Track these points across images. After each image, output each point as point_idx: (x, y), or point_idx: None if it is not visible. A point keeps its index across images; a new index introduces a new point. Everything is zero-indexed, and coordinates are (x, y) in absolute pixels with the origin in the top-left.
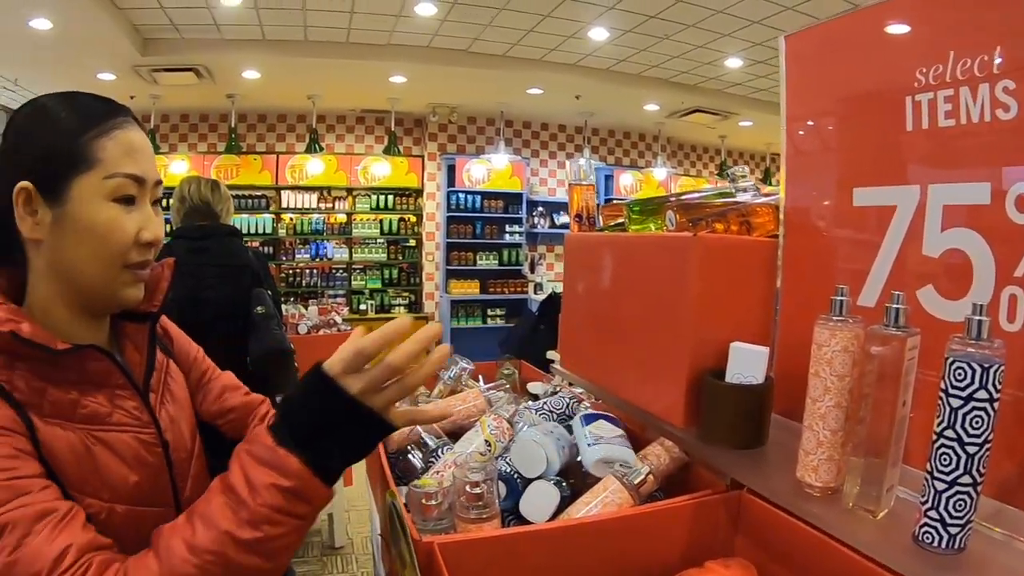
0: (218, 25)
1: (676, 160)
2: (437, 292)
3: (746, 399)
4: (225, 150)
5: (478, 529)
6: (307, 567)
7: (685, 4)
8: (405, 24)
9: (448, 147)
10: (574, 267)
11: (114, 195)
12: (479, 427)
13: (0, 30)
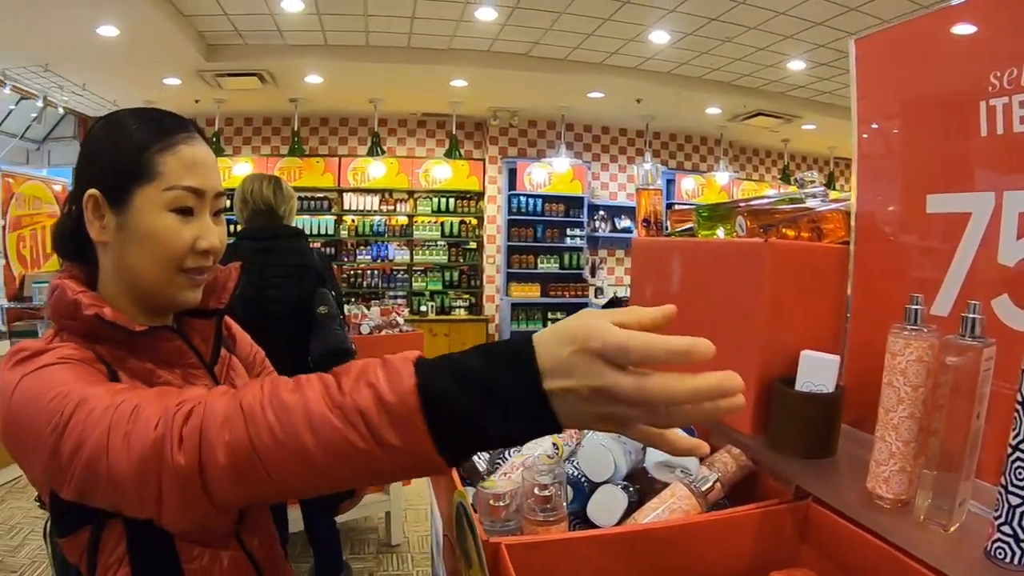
0: (281, 31)
1: (738, 164)
2: (497, 295)
3: (817, 408)
4: (288, 153)
5: (545, 531)
6: (363, 563)
7: (747, 6)
8: (466, 29)
9: (509, 150)
10: (642, 272)
11: (172, 206)
12: None
13: (69, 37)
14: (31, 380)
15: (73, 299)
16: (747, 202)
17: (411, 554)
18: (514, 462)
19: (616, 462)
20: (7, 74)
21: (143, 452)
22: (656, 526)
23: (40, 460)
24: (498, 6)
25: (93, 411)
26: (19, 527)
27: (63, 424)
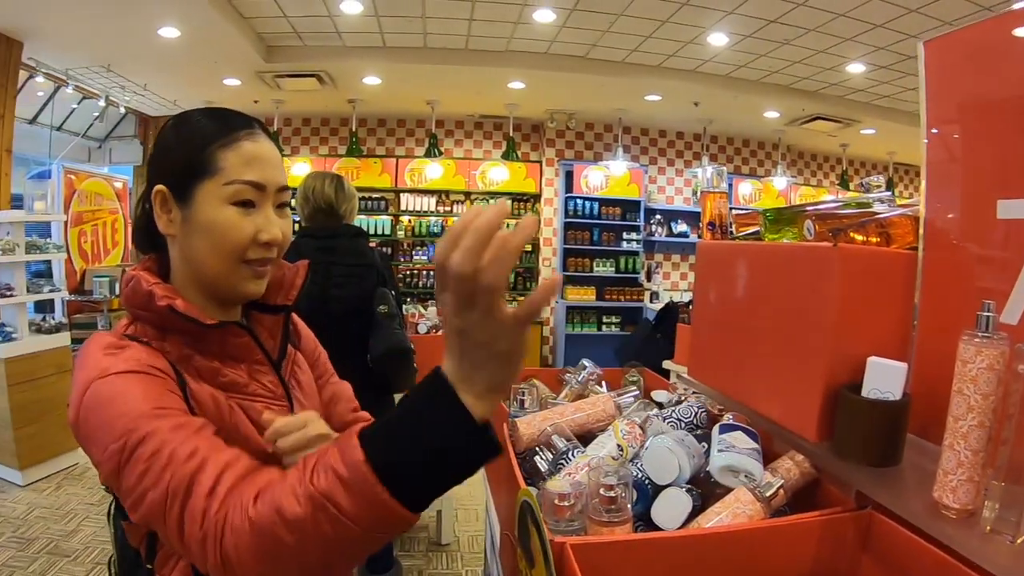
0: (340, 33)
1: (796, 169)
2: (553, 298)
3: (884, 415)
4: (346, 153)
5: (610, 532)
6: (412, 561)
7: (806, 8)
8: (523, 31)
9: (566, 153)
10: (706, 276)
11: (232, 199)
12: (611, 431)
13: (131, 38)
14: (103, 387)
15: (147, 290)
16: (814, 206)
17: (461, 554)
18: (578, 463)
19: (680, 465)
20: (70, 74)
21: (190, 538)
22: (720, 530)
23: (102, 470)
24: (556, 8)
25: (156, 458)
26: (74, 513)
27: (127, 455)
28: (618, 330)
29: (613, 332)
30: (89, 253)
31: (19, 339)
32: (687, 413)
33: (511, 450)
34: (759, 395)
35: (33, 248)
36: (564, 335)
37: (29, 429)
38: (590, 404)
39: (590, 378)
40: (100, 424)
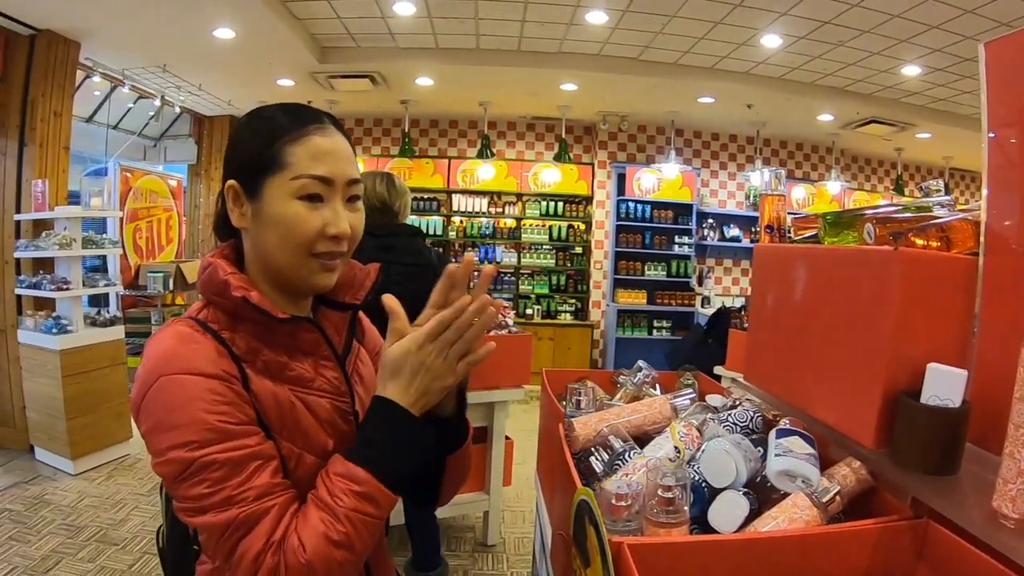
0: (393, 34)
1: (850, 173)
2: (604, 300)
3: (943, 422)
4: (399, 153)
5: (667, 533)
6: (458, 561)
7: (861, 9)
8: (576, 32)
9: (618, 155)
10: (764, 279)
11: (300, 194)
12: (669, 433)
13: (186, 39)
14: (172, 385)
15: (224, 279)
16: (874, 209)
17: (507, 555)
18: (635, 463)
19: (738, 468)
20: (127, 74)
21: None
22: (777, 535)
23: (159, 465)
24: (609, 9)
25: (222, 486)
26: (124, 502)
27: (194, 470)
28: (669, 334)
29: (664, 337)
30: (144, 249)
31: (74, 331)
32: (743, 417)
33: (567, 450)
34: (815, 400)
35: (89, 243)
36: (615, 339)
37: (82, 419)
38: (646, 406)
39: (645, 380)
40: (165, 423)
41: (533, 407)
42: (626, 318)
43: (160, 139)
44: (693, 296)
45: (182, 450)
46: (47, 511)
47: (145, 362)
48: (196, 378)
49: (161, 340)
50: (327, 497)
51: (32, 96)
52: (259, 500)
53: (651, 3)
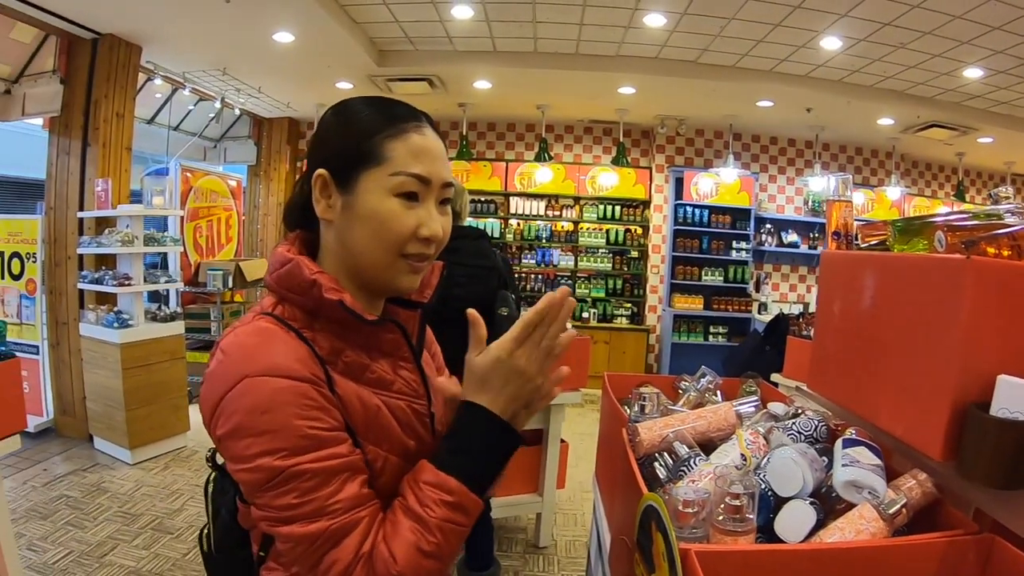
0: (451, 37)
1: (910, 179)
2: (660, 305)
3: (1013, 435)
4: (456, 156)
5: (733, 541)
6: (509, 562)
7: (921, 10)
8: (634, 35)
9: (676, 159)
10: (831, 286)
11: (397, 191)
12: (735, 440)
13: (247, 43)
14: (260, 388)
15: (311, 279)
16: (945, 217)
17: (558, 557)
18: (701, 470)
19: (805, 478)
20: (187, 77)
21: None
22: (843, 546)
23: (242, 475)
24: (667, 12)
25: (313, 497)
26: (179, 492)
27: (284, 479)
28: (725, 340)
29: (720, 343)
30: (203, 247)
31: (135, 326)
32: (807, 426)
33: (631, 454)
34: (881, 410)
35: (151, 241)
36: (670, 344)
37: (141, 411)
38: (711, 412)
39: (708, 387)
40: (252, 428)
41: (587, 411)
42: (682, 323)
43: (220, 140)
44: (750, 302)
45: (271, 458)
46: (104, 498)
47: (224, 359)
48: (286, 381)
49: (244, 337)
50: (417, 507)
51: (95, 98)
52: (349, 512)
53: (710, 6)
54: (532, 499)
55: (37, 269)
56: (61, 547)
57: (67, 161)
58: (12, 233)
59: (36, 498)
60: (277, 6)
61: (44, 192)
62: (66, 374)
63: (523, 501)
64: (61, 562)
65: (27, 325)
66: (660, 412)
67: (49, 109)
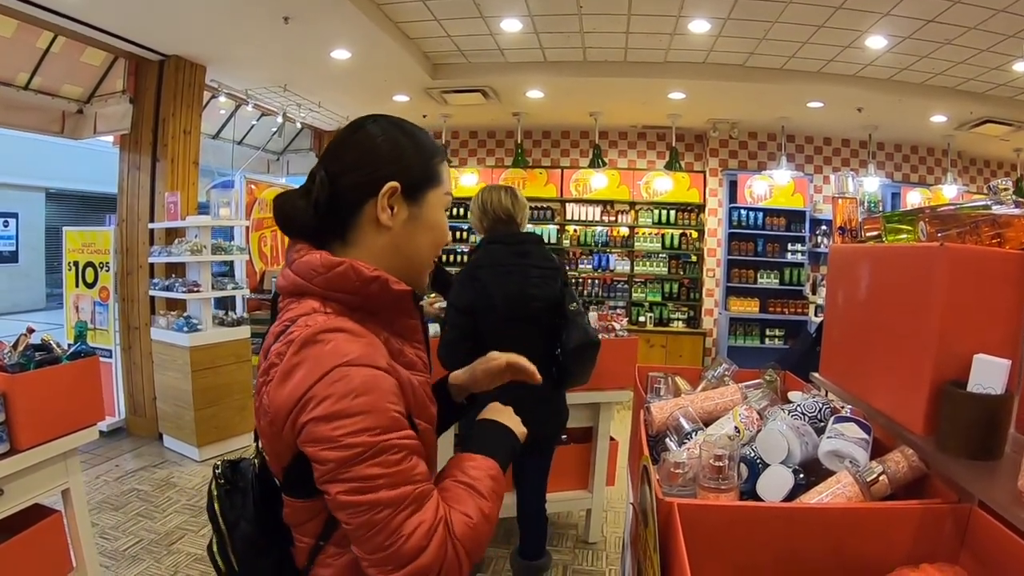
0: (502, 50)
1: (968, 176)
2: (716, 308)
3: (983, 408)
4: (512, 164)
5: (716, 498)
6: (559, 556)
7: (963, 5)
8: (680, 42)
9: (729, 163)
10: (836, 278)
11: (446, 206)
12: (731, 415)
13: (306, 61)
14: (354, 375)
15: (373, 276)
16: (932, 208)
17: (606, 552)
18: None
19: (791, 448)
20: (250, 93)
21: (409, 534)
22: (816, 507)
23: (329, 453)
24: (711, 18)
25: (401, 468)
26: None
27: (378, 452)
28: (781, 343)
29: (776, 346)
30: (268, 256)
31: (203, 330)
32: (811, 408)
33: (643, 432)
34: (875, 391)
35: (218, 250)
36: (726, 347)
37: (208, 411)
38: (719, 394)
39: (725, 373)
40: (346, 411)
41: None
42: (738, 326)
43: (283, 153)
44: (806, 304)
45: (367, 435)
46: (172, 492)
47: (310, 356)
48: (371, 370)
49: (324, 335)
50: (472, 481)
51: (163, 116)
52: (426, 482)
53: (752, 10)
54: (582, 495)
55: (110, 278)
56: (132, 536)
57: (137, 176)
58: (86, 244)
59: (108, 491)
60: (334, 25)
61: (115, 205)
62: (137, 376)
63: (574, 497)
64: (131, 549)
65: (100, 330)
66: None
67: (119, 127)
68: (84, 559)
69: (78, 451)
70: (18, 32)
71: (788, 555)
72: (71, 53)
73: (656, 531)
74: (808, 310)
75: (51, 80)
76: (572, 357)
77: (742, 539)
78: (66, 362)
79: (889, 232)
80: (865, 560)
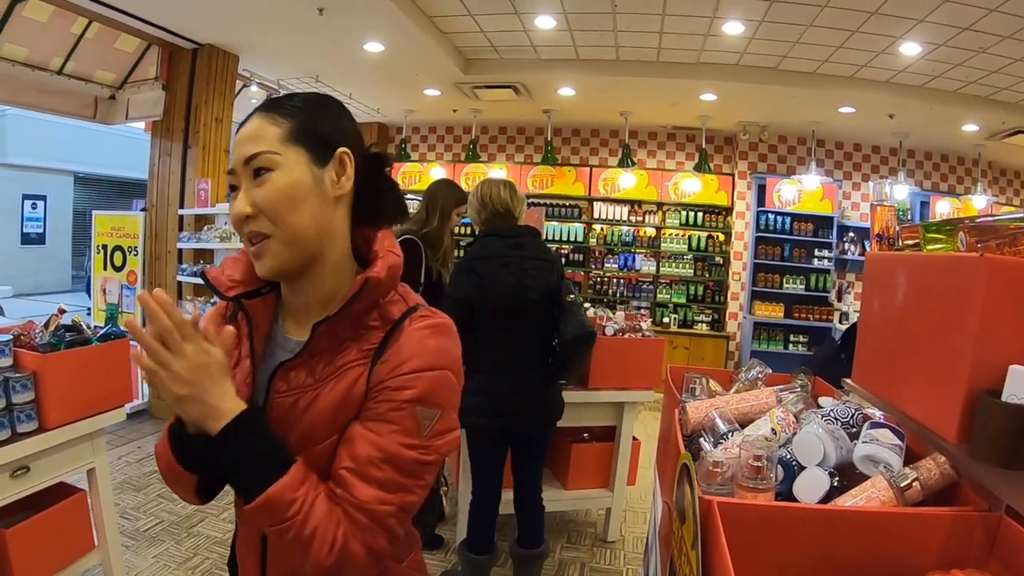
0: (535, 46)
1: (998, 187)
2: (740, 312)
3: (1016, 417)
4: (541, 161)
5: (753, 498)
6: (576, 553)
7: (999, 14)
8: (713, 43)
9: (758, 166)
10: (872, 285)
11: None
12: (768, 417)
13: (339, 53)
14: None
15: None
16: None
17: (624, 552)
18: (735, 440)
19: (826, 451)
20: (282, 84)
21: None
22: (850, 509)
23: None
24: (745, 20)
25: None
26: None
27: None
28: (805, 349)
29: (799, 352)
30: None
31: None
32: (844, 413)
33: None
34: (909, 399)
35: None
36: (750, 351)
37: None
38: (754, 395)
39: (759, 377)
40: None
41: None
42: (762, 331)
43: None
44: (831, 311)
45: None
46: None
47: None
48: None
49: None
50: None
51: (195, 103)
52: None
53: (787, 13)
54: (603, 494)
55: (138, 262)
56: (152, 517)
57: (168, 162)
58: (115, 228)
59: (130, 472)
60: (368, 18)
61: (143, 191)
62: None
63: (594, 495)
64: (152, 530)
65: (127, 314)
66: (708, 395)
67: (152, 114)
68: (107, 539)
69: (104, 431)
70: (53, 17)
71: (823, 555)
72: (105, 39)
73: (695, 528)
74: (833, 317)
75: (84, 65)
76: (568, 348)
77: (779, 538)
78: (96, 343)
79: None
80: (897, 564)
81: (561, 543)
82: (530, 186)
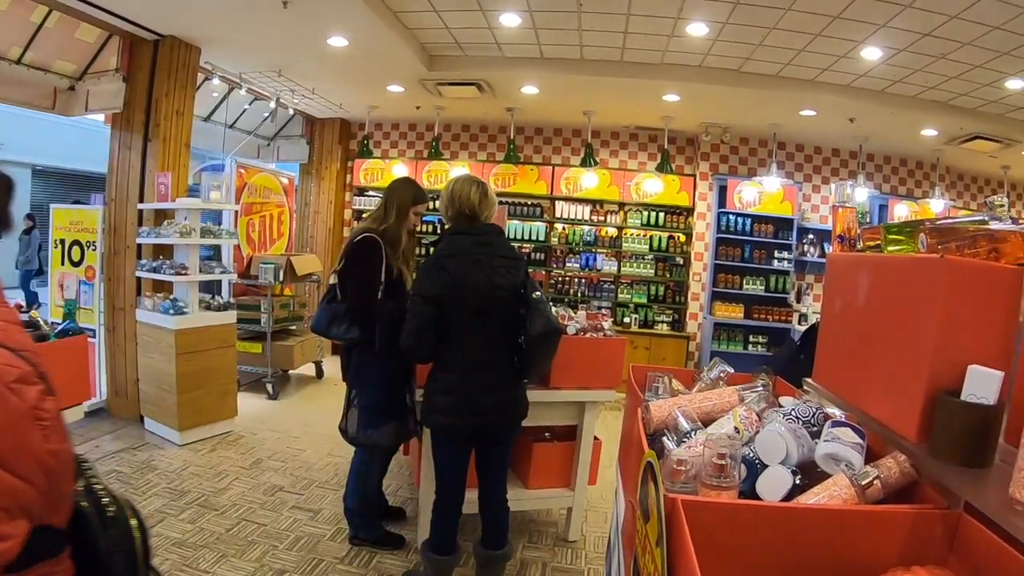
0: (499, 44)
1: (955, 191)
2: (701, 313)
3: (975, 417)
4: (504, 159)
5: (717, 496)
6: (538, 553)
7: (959, 20)
8: (677, 44)
9: (720, 167)
10: (832, 285)
11: None
12: (731, 415)
13: (302, 47)
14: None
15: None
16: (932, 221)
17: (585, 551)
18: (698, 439)
19: (788, 449)
20: (244, 77)
21: None
22: (813, 507)
23: None
24: (709, 22)
25: None
26: (226, 473)
27: None
28: (764, 350)
29: (759, 352)
30: (256, 241)
31: (189, 313)
32: (805, 412)
33: (642, 429)
34: (871, 398)
35: (207, 233)
36: (710, 351)
37: (191, 395)
38: (717, 395)
39: (721, 376)
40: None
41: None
42: (722, 331)
43: (274, 138)
44: (790, 312)
45: None
46: (153, 475)
47: None
48: None
49: None
50: None
51: (156, 96)
52: None
53: (751, 16)
54: (564, 493)
55: (96, 257)
56: None
57: (128, 155)
58: (73, 222)
59: None
60: (332, 12)
61: (103, 184)
62: (120, 357)
63: (555, 495)
64: None
65: (85, 310)
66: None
67: (112, 105)
68: None
69: None
70: (12, 6)
71: (786, 552)
72: (65, 29)
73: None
74: (792, 318)
75: (44, 55)
76: (535, 344)
77: (742, 536)
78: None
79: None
80: (859, 560)
81: (523, 543)
82: (492, 184)
